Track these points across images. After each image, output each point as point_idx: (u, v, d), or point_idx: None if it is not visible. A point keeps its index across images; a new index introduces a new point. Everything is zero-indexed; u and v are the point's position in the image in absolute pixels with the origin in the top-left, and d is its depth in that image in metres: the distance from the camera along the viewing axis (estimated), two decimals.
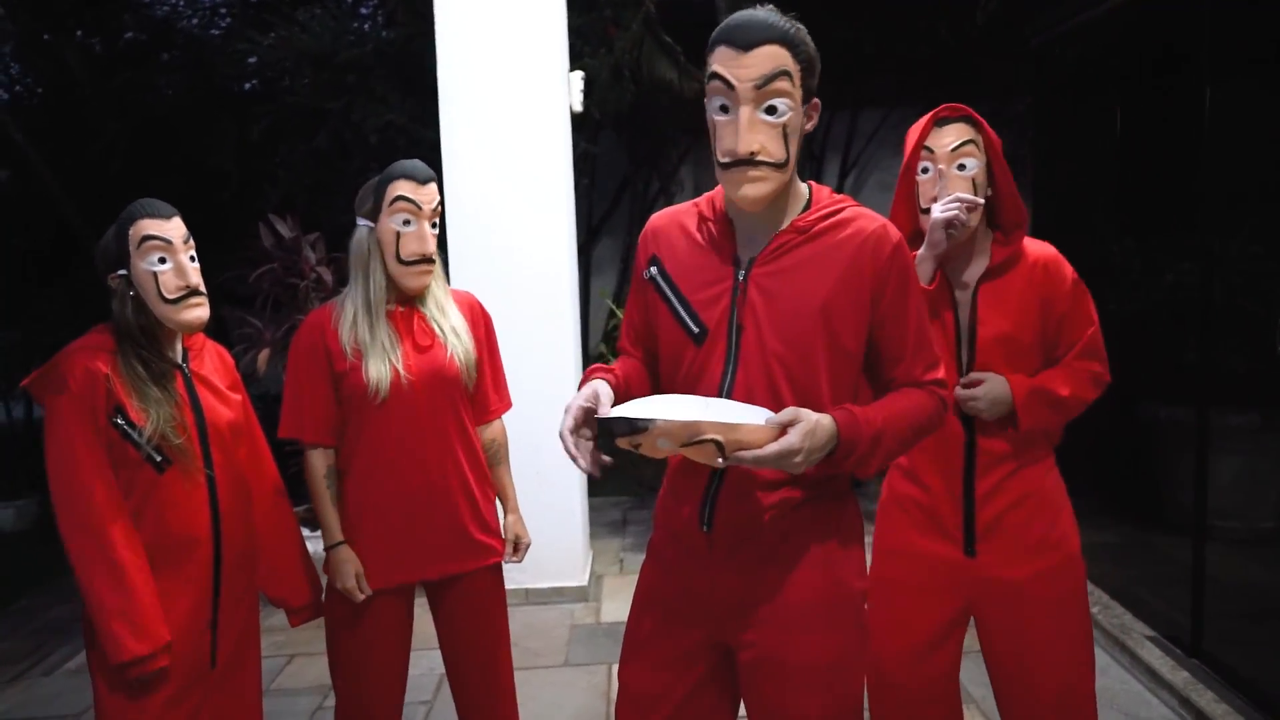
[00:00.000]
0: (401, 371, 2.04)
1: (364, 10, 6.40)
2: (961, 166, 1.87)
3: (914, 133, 1.92)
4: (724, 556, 1.55)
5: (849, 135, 6.70)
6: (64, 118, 6.27)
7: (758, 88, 1.40)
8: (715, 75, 1.44)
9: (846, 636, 1.54)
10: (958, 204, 1.83)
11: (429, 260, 2.07)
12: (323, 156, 5.61)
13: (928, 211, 1.89)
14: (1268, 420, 3.94)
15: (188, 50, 6.56)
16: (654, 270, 1.60)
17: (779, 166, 1.44)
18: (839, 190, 7.41)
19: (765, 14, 1.43)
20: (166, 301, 1.84)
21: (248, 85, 6.66)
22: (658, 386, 1.66)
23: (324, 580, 2.15)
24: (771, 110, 1.42)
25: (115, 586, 1.74)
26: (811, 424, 1.34)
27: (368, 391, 2.02)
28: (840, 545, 1.56)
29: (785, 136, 1.44)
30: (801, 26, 1.46)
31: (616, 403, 1.48)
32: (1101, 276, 3.46)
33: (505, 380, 2.33)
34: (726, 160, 1.44)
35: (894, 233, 1.54)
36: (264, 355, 4.15)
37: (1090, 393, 1.91)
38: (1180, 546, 3.30)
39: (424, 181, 2.06)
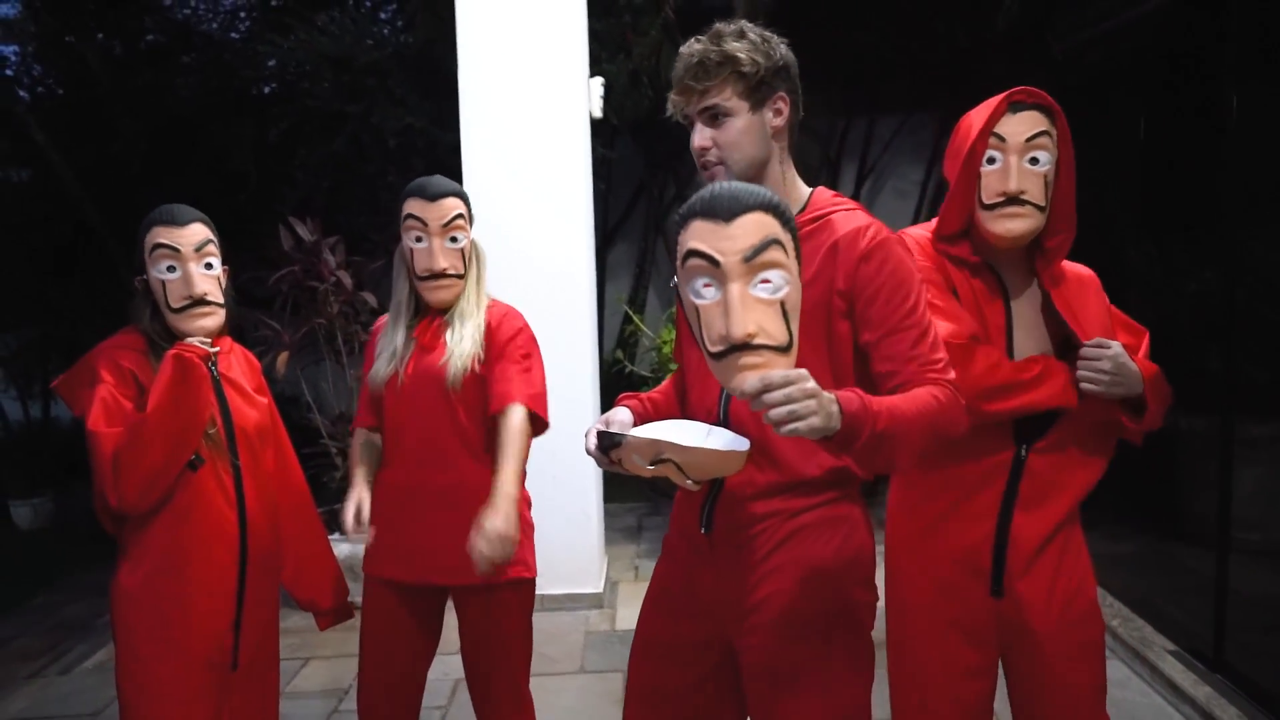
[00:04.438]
0: (400, 373, 2.10)
1: (384, 14, 6.42)
2: (1034, 160, 1.68)
3: (979, 116, 1.72)
4: (724, 558, 1.57)
5: (865, 141, 6.67)
6: (84, 118, 6.30)
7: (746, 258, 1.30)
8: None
9: (847, 646, 1.53)
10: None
11: (440, 276, 2.08)
12: (341, 159, 5.62)
13: (990, 207, 1.70)
14: None
15: (207, 52, 6.58)
16: (675, 281, 1.62)
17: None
18: (855, 197, 7.33)
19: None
20: (172, 310, 1.86)
21: (267, 88, 6.69)
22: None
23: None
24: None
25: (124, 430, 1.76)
26: (815, 385, 1.22)
27: (371, 390, 2.14)
28: (843, 554, 1.53)
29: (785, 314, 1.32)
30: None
31: (648, 420, 1.58)
32: (1123, 283, 3.42)
33: (528, 378, 2.12)
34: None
35: (875, 234, 1.47)
36: (283, 357, 4.16)
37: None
38: (1200, 558, 3.28)
39: (433, 198, 2.07)
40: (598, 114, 4.23)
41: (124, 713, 1.86)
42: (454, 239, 2.09)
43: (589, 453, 1.49)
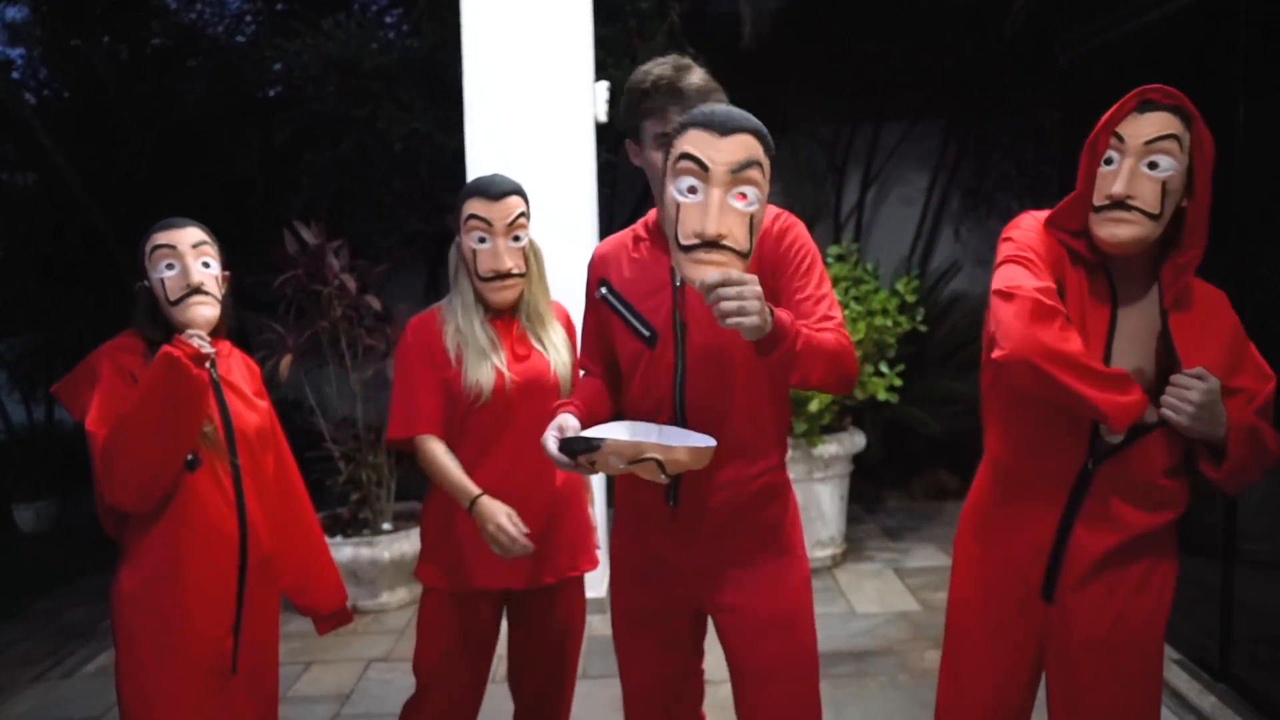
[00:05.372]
0: (506, 374, 2.05)
1: (389, 19, 6.43)
2: (1153, 165, 1.56)
3: (1107, 113, 1.62)
4: (687, 527, 1.77)
5: (871, 149, 6.66)
6: (91, 122, 6.31)
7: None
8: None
9: (798, 594, 1.82)
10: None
11: (505, 276, 2.06)
12: (347, 164, 5.63)
13: (1098, 209, 1.60)
14: None
15: (214, 57, 6.59)
16: (604, 290, 1.83)
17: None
18: (860, 204, 7.27)
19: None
20: (171, 304, 1.87)
21: (273, 92, 6.69)
22: (618, 397, 1.88)
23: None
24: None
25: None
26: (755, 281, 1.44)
27: (467, 394, 2.03)
28: (783, 520, 1.83)
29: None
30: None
31: (584, 428, 1.70)
32: None
33: None
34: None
35: (786, 219, 1.73)
36: (286, 361, 4.16)
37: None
38: (1206, 568, 3.26)
39: (497, 197, 2.05)
40: (603, 119, 4.24)
41: (124, 717, 1.86)
42: (516, 238, 2.09)
43: (551, 455, 1.59)
